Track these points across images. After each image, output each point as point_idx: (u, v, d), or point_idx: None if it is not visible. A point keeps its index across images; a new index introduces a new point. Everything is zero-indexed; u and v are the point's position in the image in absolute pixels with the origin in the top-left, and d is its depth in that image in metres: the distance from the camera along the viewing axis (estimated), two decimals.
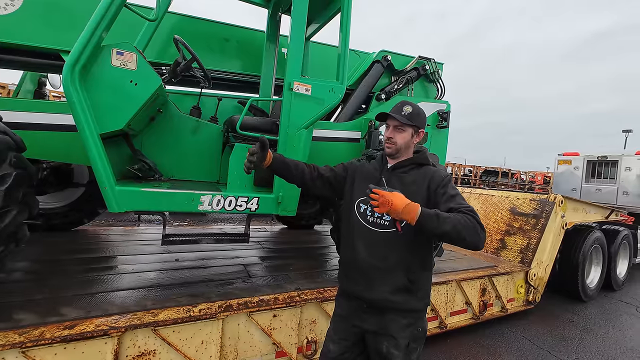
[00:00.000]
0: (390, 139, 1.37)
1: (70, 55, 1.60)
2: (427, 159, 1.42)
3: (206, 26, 2.77)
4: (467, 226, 1.12)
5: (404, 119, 1.33)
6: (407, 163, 1.40)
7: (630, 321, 3.70)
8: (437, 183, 1.30)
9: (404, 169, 1.39)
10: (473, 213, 1.18)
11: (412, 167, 1.39)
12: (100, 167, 1.69)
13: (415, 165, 1.40)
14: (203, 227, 4.91)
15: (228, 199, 2.00)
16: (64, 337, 1.40)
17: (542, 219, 3.70)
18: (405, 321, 1.32)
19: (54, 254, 2.44)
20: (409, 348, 1.31)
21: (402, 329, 1.31)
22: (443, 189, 1.28)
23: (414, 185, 1.33)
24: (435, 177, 1.33)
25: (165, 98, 2.30)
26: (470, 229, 1.13)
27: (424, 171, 1.37)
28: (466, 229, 1.12)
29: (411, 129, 1.37)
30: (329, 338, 1.46)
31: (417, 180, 1.34)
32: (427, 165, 1.41)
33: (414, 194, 1.29)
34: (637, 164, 5.93)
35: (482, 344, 2.94)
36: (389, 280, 1.30)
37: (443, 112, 3.17)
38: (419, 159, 1.41)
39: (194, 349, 1.70)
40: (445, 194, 1.26)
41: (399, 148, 1.37)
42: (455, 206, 1.21)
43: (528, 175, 17.62)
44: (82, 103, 1.63)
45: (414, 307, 1.33)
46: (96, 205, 3.05)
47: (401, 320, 1.31)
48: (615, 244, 4.46)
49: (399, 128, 1.37)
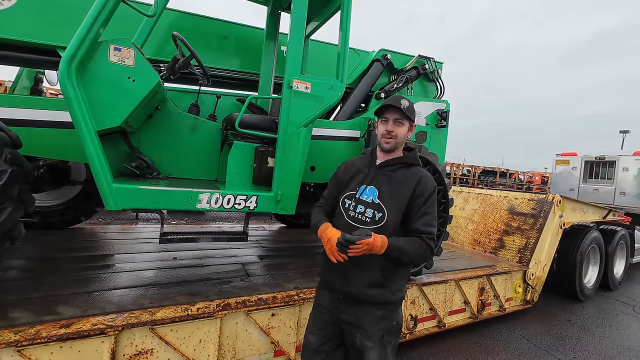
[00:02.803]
0: (391, 133, 1.37)
1: (66, 51, 1.58)
2: (417, 159, 1.43)
3: (205, 23, 2.75)
4: (418, 255, 1.30)
5: (406, 112, 1.35)
6: (396, 162, 1.41)
7: (627, 320, 3.72)
8: (420, 192, 1.34)
9: (391, 167, 1.40)
10: (430, 240, 1.30)
11: (401, 167, 1.40)
12: (98, 164, 1.67)
13: (404, 165, 1.41)
14: (201, 225, 4.89)
15: (226, 197, 1.98)
16: (60, 335, 1.39)
17: (540, 219, 3.71)
18: (380, 313, 1.36)
19: (50, 252, 2.42)
20: (383, 341, 1.35)
21: (377, 321, 1.35)
22: (422, 204, 1.33)
23: (402, 186, 1.36)
24: (423, 181, 1.36)
25: (163, 95, 2.28)
26: (420, 257, 1.32)
27: (412, 172, 1.39)
28: (417, 257, 1.31)
29: (408, 123, 1.39)
30: (308, 330, 1.50)
31: (405, 182, 1.36)
32: (416, 166, 1.42)
33: (399, 194, 1.35)
34: (635, 164, 5.96)
35: (480, 343, 2.94)
36: (365, 274, 1.35)
37: (442, 111, 3.16)
38: (409, 159, 1.41)
39: (191, 347, 1.69)
40: (420, 210, 1.33)
41: (398, 142, 1.39)
42: (421, 228, 1.31)
43: (526, 176, 17.69)
44: (79, 99, 1.61)
45: (388, 299, 1.37)
46: (93, 204, 3.03)
47: (375, 312, 1.36)
48: (613, 244, 4.48)
49: (398, 121, 1.37)
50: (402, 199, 1.33)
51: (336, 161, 2.67)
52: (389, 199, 1.35)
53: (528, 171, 18.29)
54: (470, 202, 4.53)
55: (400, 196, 1.34)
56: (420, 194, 1.33)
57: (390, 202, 1.34)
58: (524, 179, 17.51)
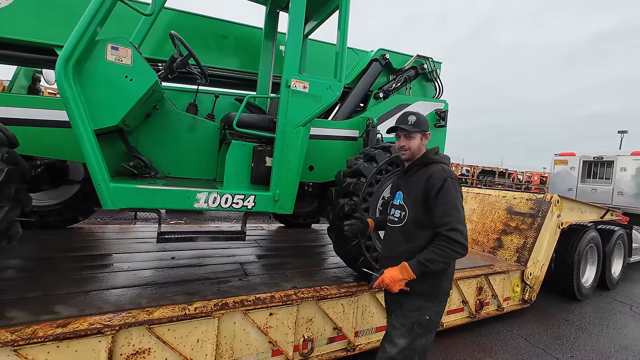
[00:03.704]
0: (403, 147, 1.56)
1: (63, 50, 1.57)
2: (432, 158, 1.56)
3: (203, 22, 2.74)
4: (446, 255, 1.38)
5: (411, 128, 1.52)
6: (415, 165, 1.58)
7: (625, 320, 3.73)
8: (432, 184, 1.44)
9: (411, 171, 1.59)
10: (449, 231, 1.37)
11: (419, 168, 1.56)
12: (95, 163, 1.67)
13: (421, 166, 1.56)
14: (200, 225, 4.89)
15: (224, 197, 1.98)
16: (57, 335, 1.38)
17: (538, 219, 3.71)
18: (411, 301, 1.49)
19: (48, 252, 2.41)
20: (413, 330, 1.48)
21: (410, 308, 1.50)
22: (435, 196, 1.42)
23: (417, 183, 1.51)
24: (433, 176, 1.45)
25: (161, 94, 2.27)
26: (448, 256, 1.39)
27: (426, 169, 1.52)
28: (446, 257, 1.39)
29: (419, 134, 1.55)
30: None
31: (419, 179, 1.50)
32: (433, 164, 1.53)
33: (414, 191, 1.50)
34: (632, 164, 5.97)
35: (478, 342, 2.95)
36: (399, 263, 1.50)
37: (441, 111, 3.17)
38: (424, 159, 1.56)
39: (189, 347, 1.68)
40: (435, 203, 1.42)
41: (413, 153, 1.57)
42: (438, 222, 1.40)
43: (525, 175, 17.73)
44: (75, 98, 1.61)
45: (418, 290, 1.47)
46: (91, 203, 3.02)
47: (410, 301, 1.50)
48: (610, 244, 4.49)
49: (408, 136, 1.55)
50: (417, 196, 1.48)
51: (335, 161, 2.70)
52: (408, 198, 1.53)
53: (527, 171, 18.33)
54: (469, 201, 4.54)
55: (415, 193, 1.49)
56: (431, 187, 1.43)
57: (409, 200, 1.52)
58: (523, 179, 17.54)
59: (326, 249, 3.30)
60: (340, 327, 2.19)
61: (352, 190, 2.19)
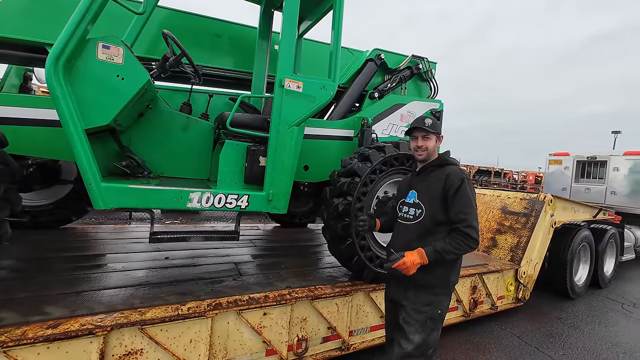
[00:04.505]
0: (420, 147, 1.65)
1: (53, 48, 1.56)
2: (446, 160, 1.66)
3: (197, 21, 2.73)
4: (460, 248, 1.49)
5: (429, 129, 1.61)
6: (429, 166, 1.66)
7: (616, 318, 3.78)
8: (450, 184, 1.53)
9: (426, 172, 1.67)
10: (466, 228, 1.48)
11: (434, 169, 1.65)
12: (86, 163, 1.65)
13: (436, 167, 1.65)
14: (195, 225, 4.87)
15: (218, 197, 1.97)
16: (47, 336, 1.37)
17: (532, 218, 3.75)
18: (423, 295, 1.57)
19: (40, 252, 2.39)
20: (427, 325, 1.55)
21: (423, 302, 1.56)
22: (453, 196, 1.52)
23: (434, 184, 1.59)
24: (450, 177, 1.55)
25: (154, 94, 2.26)
26: (462, 249, 1.50)
27: (443, 170, 1.61)
28: (460, 250, 1.49)
29: (434, 136, 1.65)
30: None
31: (437, 180, 1.59)
32: (448, 165, 1.63)
33: (432, 191, 1.58)
34: (625, 164, 6.04)
35: (472, 340, 2.97)
36: None
37: (436, 111, 3.18)
38: (439, 161, 1.66)
39: (182, 347, 1.68)
40: (453, 202, 1.52)
41: (429, 153, 1.65)
42: (454, 218, 1.51)
43: (520, 175, 17.86)
44: (66, 97, 1.59)
45: (429, 283, 1.55)
46: (85, 203, 2.99)
47: (421, 295, 1.57)
48: (603, 243, 4.54)
49: (425, 137, 1.64)
50: (435, 195, 1.56)
51: (330, 160, 2.70)
52: (425, 197, 1.61)
53: (522, 171, 18.47)
54: None
55: (434, 193, 1.57)
56: (450, 187, 1.53)
57: (426, 199, 1.60)
58: (518, 179, 17.67)
59: (321, 249, 3.30)
60: (334, 327, 2.20)
61: (346, 190, 2.19)
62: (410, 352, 1.53)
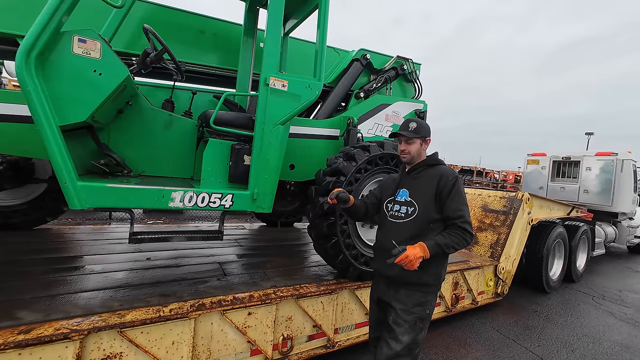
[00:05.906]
0: (404, 151, 1.70)
1: (24, 41, 1.48)
2: (437, 160, 1.72)
3: (180, 17, 2.67)
4: (459, 243, 1.52)
5: (411, 134, 1.66)
6: (419, 166, 1.71)
7: (587, 310, 3.99)
8: (444, 183, 1.58)
9: (416, 171, 1.71)
10: (463, 223, 1.53)
11: (424, 168, 1.70)
12: (60, 161, 1.59)
13: (427, 167, 1.70)
14: (178, 224, 4.76)
15: (201, 196, 1.94)
16: (19, 342, 1.31)
17: (510, 215, 3.89)
18: (414, 296, 1.59)
19: (12, 255, 2.27)
20: (416, 325, 1.58)
21: (414, 303, 1.59)
22: (448, 194, 1.56)
23: (427, 183, 1.63)
24: (444, 176, 1.60)
25: (134, 90, 2.19)
26: (461, 244, 1.53)
27: (435, 170, 1.66)
28: (459, 245, 1.53)
29: (419, 139, 1.68)
30: None
31: (430, 179, 1.64)
32: (438, 165, 1.69)
33: (426, 190, 1.61)
34: (597, 164, 6.36)
35: (453, 335, 3.06)
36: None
37: (420, 111, 3.25)
38: (430, 161, 1.71)
39: (164, 350, 1.65)
40: (447, 200, 1.56)
41: (412, 156, 1.70)
42: (452, 215, 1.54)
43: (501, 175, 18.47)
44: (38, 92, 1.52)
45: (422, 280, 1.58)
46: (60, 203, 2.87)
47: (413, 295, 1.60)
48: (576, 239, 4.78)
49: (409, 141, 1.68)
50: (429, 194, 1.60)
51: (316, 159, 2.71)
52: (418, 196, 1.64)
53: (503, 170, 19.10)
54: None
55: (427, 192, 1.61)
56: (444, 186, 1.57)
57: (419, 198, 1.63)
58: (499, 178, 18.27)
59: (307, 248, 3.31)
60: (319, 325, 2.21)
61: (331, 188, 2.21)
62: (399, 352, 1.55)
